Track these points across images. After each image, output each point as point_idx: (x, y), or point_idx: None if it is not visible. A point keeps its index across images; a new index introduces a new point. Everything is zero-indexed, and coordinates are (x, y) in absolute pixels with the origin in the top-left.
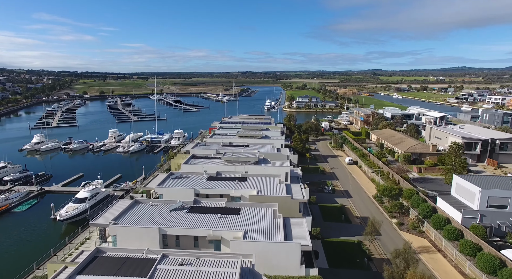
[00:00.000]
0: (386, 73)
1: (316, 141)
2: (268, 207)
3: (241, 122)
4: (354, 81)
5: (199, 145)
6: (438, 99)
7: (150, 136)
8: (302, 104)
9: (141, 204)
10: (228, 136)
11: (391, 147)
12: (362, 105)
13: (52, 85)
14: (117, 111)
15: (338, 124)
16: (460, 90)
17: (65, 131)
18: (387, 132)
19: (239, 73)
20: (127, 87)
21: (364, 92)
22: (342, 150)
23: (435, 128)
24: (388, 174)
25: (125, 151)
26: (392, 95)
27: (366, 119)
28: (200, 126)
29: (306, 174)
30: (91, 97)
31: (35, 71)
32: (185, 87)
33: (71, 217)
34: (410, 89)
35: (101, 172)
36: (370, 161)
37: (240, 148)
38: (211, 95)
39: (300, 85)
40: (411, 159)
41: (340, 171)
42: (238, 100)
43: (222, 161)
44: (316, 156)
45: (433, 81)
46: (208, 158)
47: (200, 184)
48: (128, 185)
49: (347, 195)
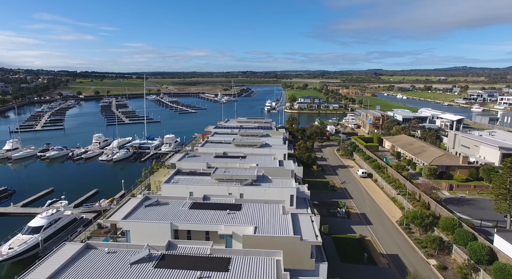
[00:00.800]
0: (387, 73)
1: (321, 147)
2: (269, 257)
3: (239, 127)
4: (355, 81)
5: (187, 157)
6: (445, 99)
7: (139, 141)
8: (304, 105)
9: (93, 251)
10: (222, 144)
11: (410, 156)
12: (368, 106)
13: (46, 85)
14: (109, 113)
15: (344, 128)
16: (465, 90)
17: (50, 134)
18: (404, 138)
19: (239, 73)
20: (124, 87)
21: (367, 92)
22: (352, 159)
23: (461, 135)
24: (414, 194)
25: (108, 160)
26: (396, 95)
27: (375, 122)
28: (195, 129)
29: (314, 191)
30: (86, 97)
31: (34, 70)
32: (183, 87)
33: (15, 255)
34: (414, 89)
35: (76, 186)
36: (388, 174)
37: (236, 161)
38: (209, 95)
39: (301, 85)
40: (437, 172)
41: (353, 187)
42: (237, 101)
43: (212, 180)
44: (323, 166)
45: (435, 81)
46: (196, 174)
47: (180, 216)
48: (103, 205)
49: (365, 221)
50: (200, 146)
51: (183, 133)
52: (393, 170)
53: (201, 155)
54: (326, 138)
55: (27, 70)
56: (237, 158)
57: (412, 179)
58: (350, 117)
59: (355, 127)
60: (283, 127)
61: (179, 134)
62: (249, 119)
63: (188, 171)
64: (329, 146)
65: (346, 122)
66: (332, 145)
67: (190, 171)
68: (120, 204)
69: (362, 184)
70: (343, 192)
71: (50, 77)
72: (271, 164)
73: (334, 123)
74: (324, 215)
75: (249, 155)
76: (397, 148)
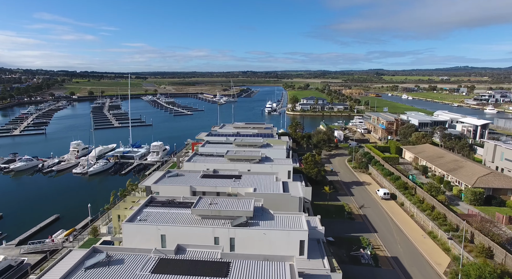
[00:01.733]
0: (388, 73)
1: (330, 157)
2: None
3: (235, 134)
4: (357, 81)
5: (167, 176)
6: (453, 100)
7: (123, 149)
8: (307, 106)
9: None
10: (214, 157)
11: (440, 173)
12: (374, 107)
13: (39, 85)
14: (99, 115)
15: (353, 133)
16: (471, 90)
17: (29, 140)
18: (429, 149)
19: (239, 73)
20: (121, 87)
21: (370, 93)
22: (367, 173)
23: (504, 147)
24: (465, 231)
25: (83, 172)
26: (401, 95)
27: (388, 127)
28: (189, 133)
29: (326, 220)
30: (79, 98)
31: (33, 70)
32: (181, 87)
33: None
34: (419, 89)
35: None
36: (418, 198)
37: (228, 183)
38: (208, 95)
39: (302, 85)
40: (483, 197)
41: (374, 213)
42: (237, 102)
43: (193, 217)
44: (334, 182)
45: (438, 81)
46: (173, 205)
47: None
48: (56, 240)
49: (401, 271)
50: (187, 160)
51: (175, 138)
52: (424, 192)
53: (185, 174)
54: (334, 146)
55: (26, 70)
56: (230, 178)
57: (450, 205)
58: (358, 120)
59: (365, 132)
60: (286, 134)
61: (171, 139)
62: (247, 124)
63: (164, 200)
64: (338, 156)
65: (354, 126)
66: (341, 154)
67: (167, 199)
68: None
69: (385, 209)
70: (363, 222)
71: (46, 77)
72: (273, 189)
73: (341, 127)
74: (343, 261)
75: (245, 174)
76: (421, 160)
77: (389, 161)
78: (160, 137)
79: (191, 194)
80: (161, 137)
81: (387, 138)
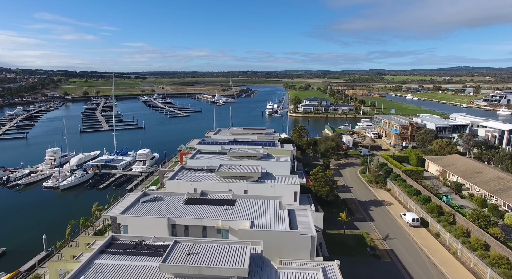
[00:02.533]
0: (389, 73)
1: (339, 167)
2: None
3: (231, 142)
4: (358, 81)
5: (141, 202)
6: (462, 101)
7: (106, 157)
8: (310, 108)
9: None
10: (204, 173)
11: (482, 193)
12: (381, 109)
13: (32, 85)
14: (90, 117)
15: (362, 138)
16: (477, 91)
17: (7, 145)
18: (461, 161)
19: (240, 73)
20: (119, 87)
21: (373, 93)
22: (385, 188)
23: None
24: None
25: (55, 187)
26: (406, 96)
27: (402, 132)
28: (183, 138)
29: (346, 261)
30: (73, 98)
31: (32, 70)
32: (179, 87)
33: None
34: (423, 90)
35: None
36: (461, 229)
37: (218, 212)
38: (206, 96)
39: (303, 85)
40: None
41: (404, 248)
42: (236, 102)
43: (162, 276)
44: (348, 201)
45: (441, 81)
46: (138, 252)
47: None
48: None
49: None
50: (170, 178)
51: (167, 143)
52: (468, 221)
53: (165, 198)
54: (343, 153)
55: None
56: (222, 205)
57: (508, 241)
58: (365, 123)
59: (375, 137)
60: (289, 140)
61: (162, 145)
62: (246, 129)
63: (129, 242)
64: (349, 165)
65: (362, 130)
66: (352, 164)
67: (133, 241)
68: None
69: (417, 241)
70: (392, 262)
71: (43, 77)
72: (276, 222)
73: (349, 131)
74: None
75: (241, 198)
76: (451, 175)
77: (412, 175)
78: (151, 142)
79: (169, 229)
80: (152, 142)
81: (400, 144)
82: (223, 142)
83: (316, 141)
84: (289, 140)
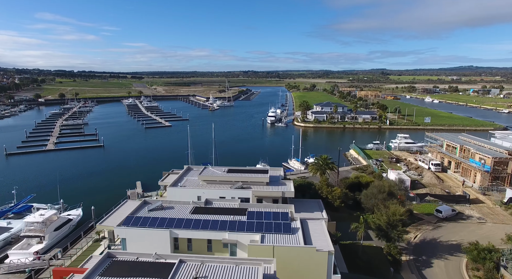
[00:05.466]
0: (391, 73)
1: (412, 251)
2: None
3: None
4: (363, 81)
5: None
6: (497, 105)
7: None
8: (323, 115)
9: None
10: None
11: None
12: (413, 116)
13: (3, 87)
14: (43, 128)
15: (416, 171)
16: (501, 91)
17: None
18: None
19: (240, 73)
20: (107, 88)
21: (386, 95)
22: None
23: None
24: None
25: None
26: (424, 98)
27: (496, 170)
28: (148, 168)
29: None
30: (47, 101)
31: (30, 70)
32: (172, 88)
33: None
34: (440, 91)
35: None
36: None
37: None
38: (200, 98)
39: (308, 86)
40: None
41: None
42: (233, 106)
43: None
44: None
45: (449, 81)
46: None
47: None
48: None
49: None
50: None
51: (119, 180)
52: None
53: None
54: (407, 215)
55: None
56: None
57: None
58: (403, 139)
59: (437, 169)
60: (309, 187)
61: (109, 184)
62: (233, 172)
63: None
64: (427, 249)
65: (408, 154)
66: (438, 242)
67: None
68: None
69: None
70: None
71: (25, 76)
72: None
73: (390, 157)
74: None
75: None
76: None
77: None
78: (94, 177)
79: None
80: (94, 177)
81: (495, 189)
82: (185, 213)
83: (358, 196)
84: (309, 187)
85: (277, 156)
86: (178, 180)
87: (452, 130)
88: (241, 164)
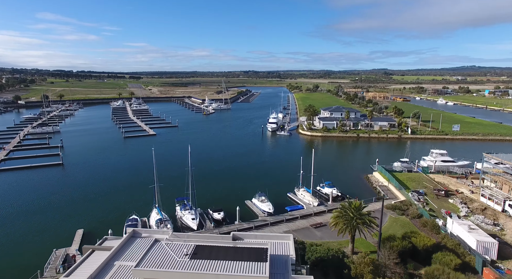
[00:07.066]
0: (393, 72)
1: None
2: None
3: None
4: (365, 81)
5: None
6: None
7: None
8: (333, 122)
9: None
10: None
11: None
12: (439, 123)
13: None
14: (2, 139)
15: (485, 217)
16: None
17: None
18: None
19: (241, 73)
20: (100, 88)
21: (395, 96)
22: None
23: None
24: None
25: None
26: (436, 100)
27: None
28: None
29: None
30: (27, 103)
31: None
32: (168, 89)
33: None
34: (452, 92)
35: None
36: None
37: None
38: (196, 100)
39: (310, 87)
40: None
41: None
42: (230, 109)
43: None
44: None
45: (454, 81)
46: None
47: None
48: None
49: None
50: None
51: (63, 222)
52: None
53: None
54: None
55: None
56: None
57: None
58: (439, 157)
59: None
60: None
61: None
62: (212, 262)
63: None
64: None
65: (470, 189)
66: None
67: None
68: None
69: None
70: None
71: (14, 76)
72: None
73: (437, 191)
74: None
75: None
76: None
77: None
78: (25, 218)
79: None
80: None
81: None
82: None
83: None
84: (337, 265)
85: (280, 181)
86: (98, 274)
87: (488, 141)
88: (229, 199)
